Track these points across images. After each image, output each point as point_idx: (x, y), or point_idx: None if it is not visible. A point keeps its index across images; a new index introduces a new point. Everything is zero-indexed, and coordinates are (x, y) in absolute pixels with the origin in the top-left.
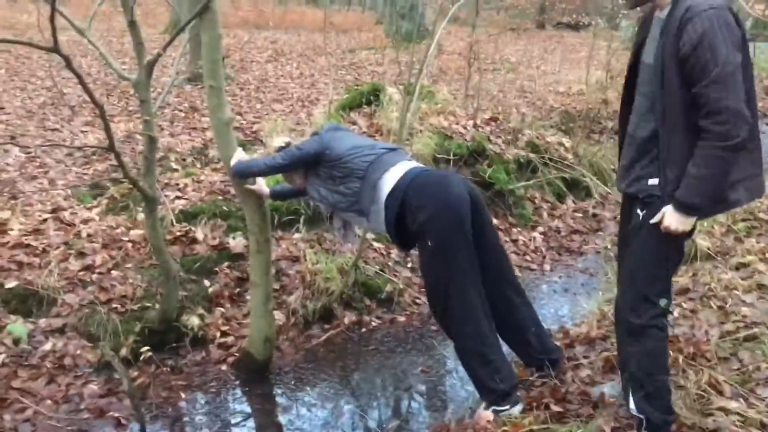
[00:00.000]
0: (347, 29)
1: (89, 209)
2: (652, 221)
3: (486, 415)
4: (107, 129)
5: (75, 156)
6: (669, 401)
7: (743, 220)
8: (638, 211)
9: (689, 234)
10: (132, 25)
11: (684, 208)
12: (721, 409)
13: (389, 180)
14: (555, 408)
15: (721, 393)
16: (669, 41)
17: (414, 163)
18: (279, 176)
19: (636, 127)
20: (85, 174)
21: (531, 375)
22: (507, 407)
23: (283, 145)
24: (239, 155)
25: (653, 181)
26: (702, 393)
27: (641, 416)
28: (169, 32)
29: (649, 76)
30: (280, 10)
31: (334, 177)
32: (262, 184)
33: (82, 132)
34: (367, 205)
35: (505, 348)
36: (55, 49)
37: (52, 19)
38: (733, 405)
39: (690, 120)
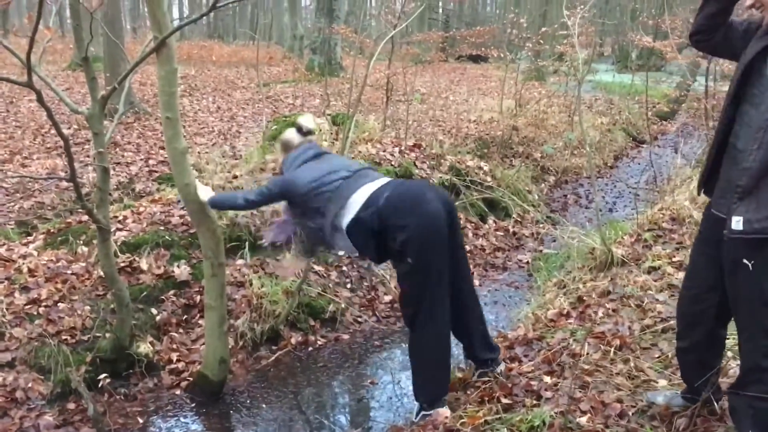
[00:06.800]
0: (255, 64)
1: (25, 244)
2: None
3: (443, 412)
4: (71, 161)
5: None
6: None
7: (649, 230)
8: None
9: None
10: (85, 60)
11: None
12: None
13: (349, 211)
14: (505, 401)
15: (647, 376)
16: None
17: (379, 181)
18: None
19: (746, 143)
20: (10, 212)
21: (473, 376)
22: (430, 413)
23: (312, 127)
24: (208, 191)
25: None
26: (632, 377)
27: None
28: (72, 68)
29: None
30: (183, 44)
31: (304, 212)
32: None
33: None
34: (328, 239)
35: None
36: (29, 84)
37: (28, 57)
38: (662, 382)
39: None
